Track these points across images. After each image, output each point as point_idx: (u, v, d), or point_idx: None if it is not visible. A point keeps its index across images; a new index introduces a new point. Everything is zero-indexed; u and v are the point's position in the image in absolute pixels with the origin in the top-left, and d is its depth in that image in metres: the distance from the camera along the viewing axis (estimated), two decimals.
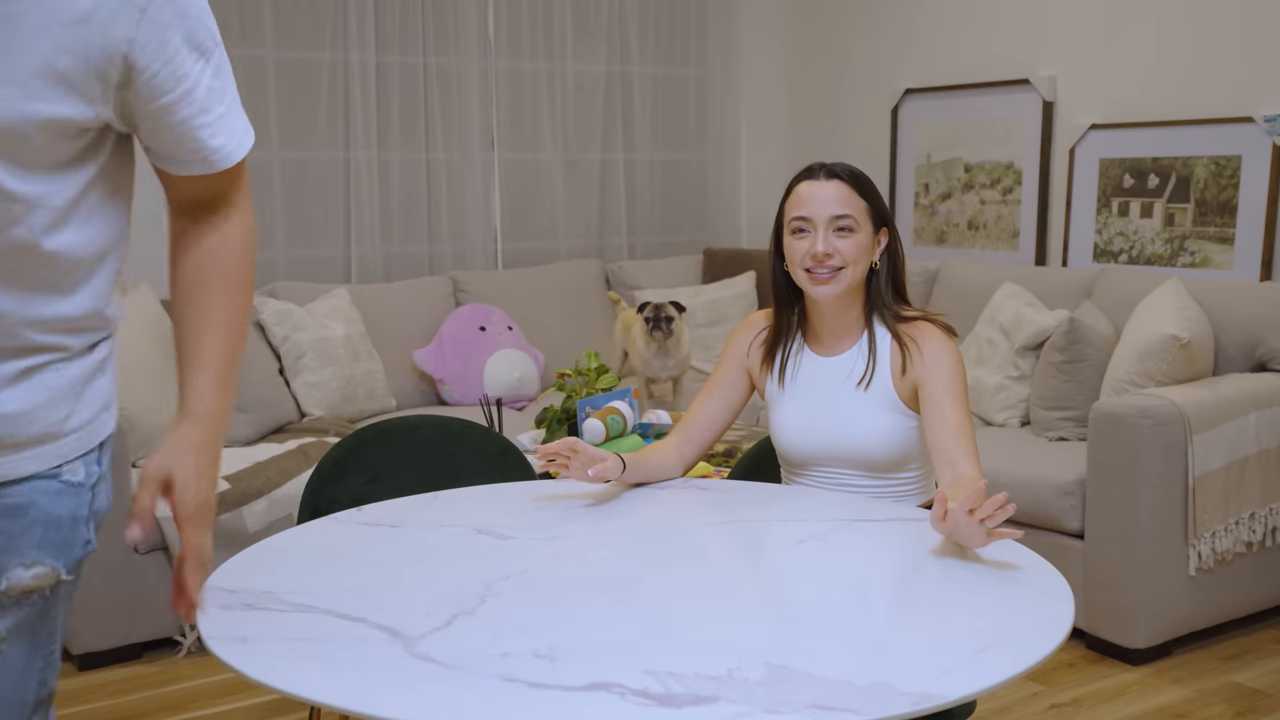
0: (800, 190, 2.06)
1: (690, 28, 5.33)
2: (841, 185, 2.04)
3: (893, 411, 2.04)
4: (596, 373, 2.84)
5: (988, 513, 1.59)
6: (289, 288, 4.14)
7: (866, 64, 5.18)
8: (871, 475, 2.07)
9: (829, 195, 2.03)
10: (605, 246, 5.21)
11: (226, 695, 3.02)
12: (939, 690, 1.27)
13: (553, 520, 1.93)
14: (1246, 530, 3.25)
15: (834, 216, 2.01)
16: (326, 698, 1.27)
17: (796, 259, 2.04)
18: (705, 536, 1.92)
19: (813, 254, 2.01)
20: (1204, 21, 3.93)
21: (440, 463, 2.39)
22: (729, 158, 5.46)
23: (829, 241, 2.00)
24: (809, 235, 2.02)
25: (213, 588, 1.61)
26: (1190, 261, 4.01)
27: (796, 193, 2.06)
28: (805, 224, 2.03)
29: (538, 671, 1.32)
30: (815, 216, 2.02)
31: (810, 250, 2.01)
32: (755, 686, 1.28)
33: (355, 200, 4.53)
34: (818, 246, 2.00)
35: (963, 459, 1.93)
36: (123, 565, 3.15)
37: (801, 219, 2.03)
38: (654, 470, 2.13)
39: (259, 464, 3.39)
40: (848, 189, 2.04)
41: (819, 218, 2.02)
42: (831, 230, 2.01)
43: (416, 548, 1.80)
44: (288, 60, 4.38)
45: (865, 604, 1.57)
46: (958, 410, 1.97)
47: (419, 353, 4.32)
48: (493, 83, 4.83)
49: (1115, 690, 3.03)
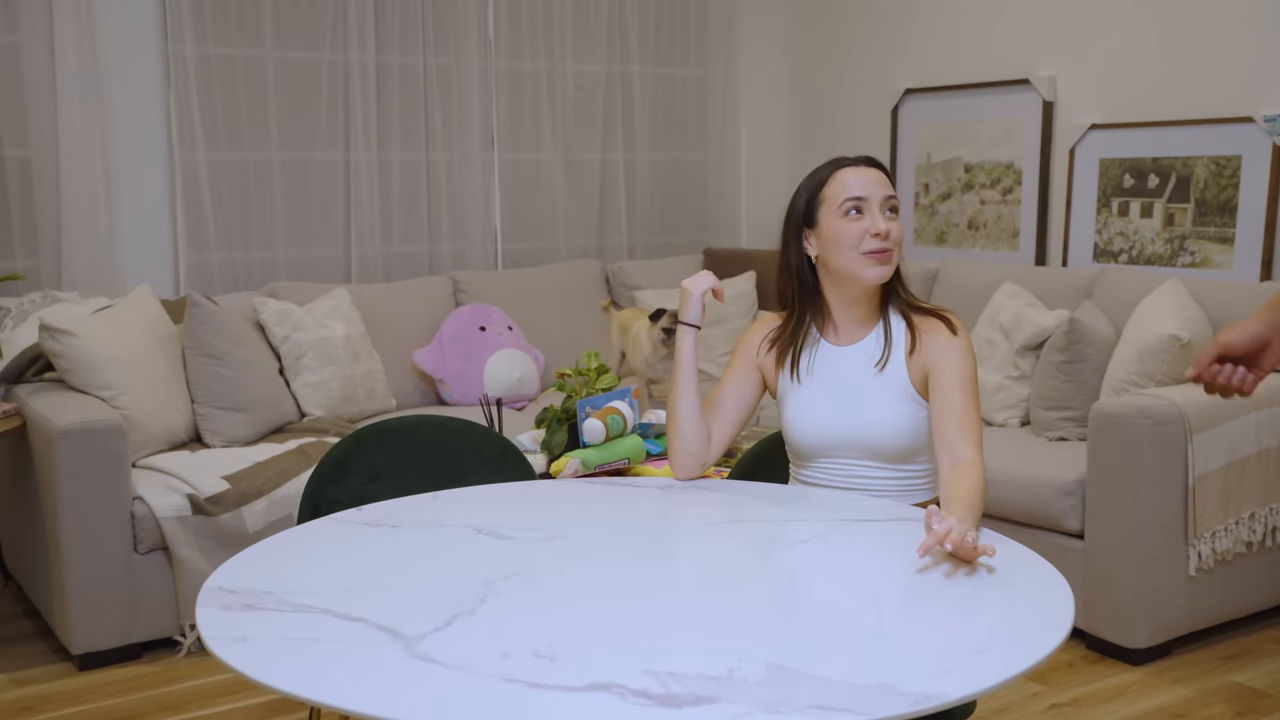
0: (847, 175, 2.07)
1: (690, 28, 5.33)
2: (879, 171, 2.09)
3: (906, 400, 2.05)
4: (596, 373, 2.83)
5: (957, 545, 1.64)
6: (289, 288, 4.14)
7: (866, 64, 5.18)
8: (883, 465, 2.08)
9: (875, 177, 2.07)
10: (605, 246, 5.21)
11: (226, 695, 3.02)
12: (939, 690, 1.27)
13: (553, 520, 1.93)
14: (1246, 530, 3.25)
15: (887, 197, 2.06)
16: (326, 698, 1.27)
17: (852, 240, 2.05)
18: (706, 536, 1.91)
19: (874, 232, 2.02)
20: (1204, 21, 3.93)
21: (440, 463, 2.39)
22: (729, 158, 5.46)
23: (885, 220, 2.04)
24: (865, 216, 2.04)
25: (213, 588, 1.61)
26: (1190, 261, 4.01)
27: (842, 179, 2.07)
28: (861, 203, 2.05)
29: (538, 671, 1.32)
30: (870, 196, 2.05)
31: (870, 229, 2.03)
32: (755, 686, 1.28)
33: (355, 200, 4.54)
34: (879, 224, 2.03)
35: (963, 444, 1.94)
36: (123, 565, 3.15)
37: (858, 199, 2.05)
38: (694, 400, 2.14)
39: (259, 464, 3.39)
40: (884, 176, 2.10)
41: (874, 197, 2.05)
42: (884, 211, 2.05)
43: (416, 548, 1.80)
44: (288, 60, 4.38)
45: (866, 604, 1.57)
46: (964, 398, 1.98)
47: (419, 353, 4.32)
48: (493, 83, 4.83)
49: (1115, 690, 3.03)
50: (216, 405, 3.62)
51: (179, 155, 4.18)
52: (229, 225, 4.31)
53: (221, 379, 3.63)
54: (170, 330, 3.70)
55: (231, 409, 3.64)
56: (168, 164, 4.21)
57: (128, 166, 4.12)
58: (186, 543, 3.22)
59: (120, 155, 4.08)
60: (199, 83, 4.19)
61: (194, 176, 4.21)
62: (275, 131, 4.37)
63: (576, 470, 2.47)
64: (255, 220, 4.37)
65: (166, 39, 4.15)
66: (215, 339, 3.64)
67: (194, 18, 4.16)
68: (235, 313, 3.82)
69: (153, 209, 4.21)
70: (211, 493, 3.24)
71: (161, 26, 4.15)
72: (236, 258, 4.34)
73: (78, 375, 3.31)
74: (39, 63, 3.89)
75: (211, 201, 4.26)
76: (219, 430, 3.62)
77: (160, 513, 3.19)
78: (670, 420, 2.18)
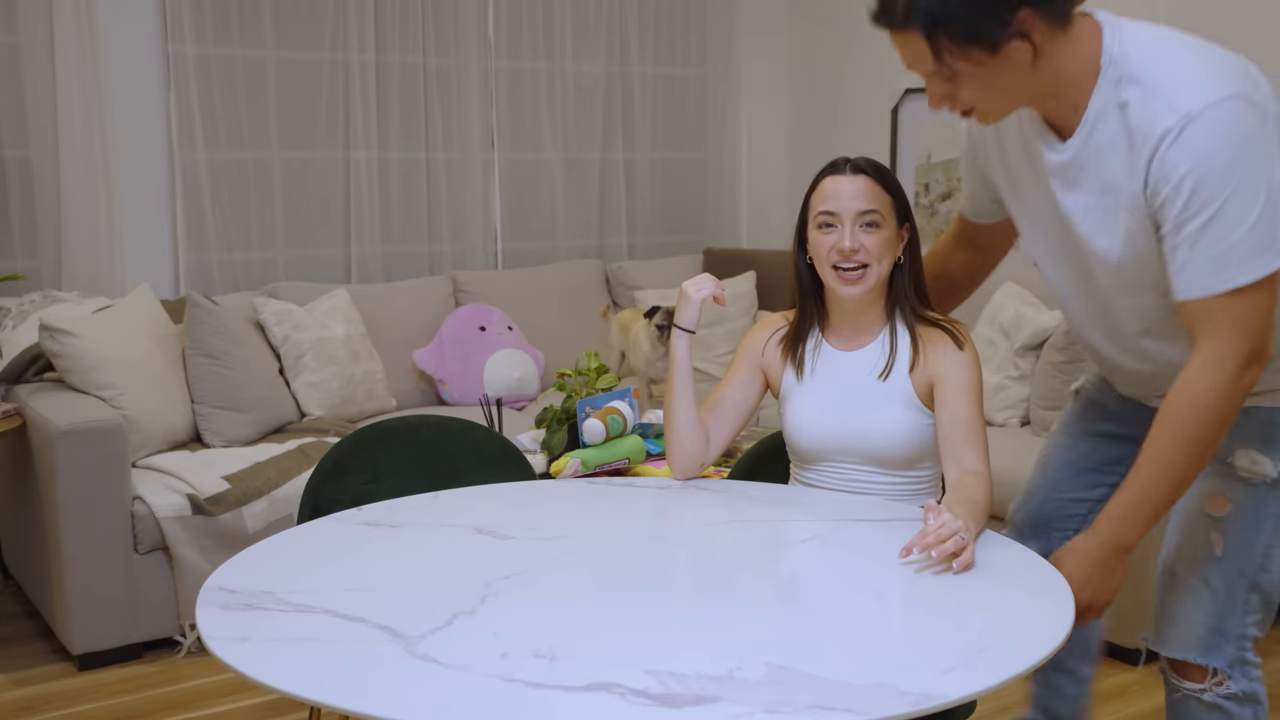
0: (826, 185, 2.04)
1: (690, 28, 5.33)
2: (867, 180, 2.02)
3: (909, 408, 2.04)
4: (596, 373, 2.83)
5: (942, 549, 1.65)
6: (289, 288, 4.14)
7: (866, 64, 5.18)
8: (884, 471, 2.07)
9: (855, 190, 2.01)
10: (605, 246, 5.21)
11: (226, 695, 3.02)
12: (939, 690, 1.27)
13: (553, 520, 1.93)
14: None
15: (861, 211, 2.00)
16: (326, 698, 1.27)
17: (823, 254, 2.03)
18: (706, 536, 1.91)
19: (839, 249, 2.00)
20: (1204, 21, 3.93)
21: (440, 463, 2.39)
22: (729, 158, 5.46)
23: (855, 237, 1.99)
24: (836, 230, 2.01)
25: (213, 588, 1.61)
26: None
27: (822, 187, 2.04)
28: (832, 219, 2.01)
29: (538, 671, 1.32)
30: (842, 211, 2.00)
31: (837, 245, 2.00)
32: (756, 686, 1.28)
33: (355, 200, 4.54)
34: (845, 242, 1.99)
35: (970, 455, 1.94)
36: (123, 565, 3.15)
37: (828, 213, 2.01)
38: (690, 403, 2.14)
39: (259, 464, 3.39)
40: (873, 184, 2.02)
41: (846, 212, 2.00)
42: (858, 225, 2.00)
43: (416, 548, 1.80)
44: (288, 60, 4.38)
45: (866, 604, 1.57)
46: (970, 410, 1.97)
47: (419, 353, 4.32)
48: (493, 83, 4.83)
49: (1115, 690, 3.02)
50: (216, 405, 3.62)
51: (179, 155, 4.18)
52: (229, 225, 4.31)
53: (221, 379, 3.63)
54: (170, 330, 3.70)
55: (231, 409, 3.64)
56: (168, 164, 4.21)
57: (128, 166, 4.12)
58: (186, 543, 3.22)
59: (120, 155, 4.08)
60: (199, 83, 4.19)
61: (194, 176, 4.21)
62: (275, 131, 4.37)
63: (576, 470, 2.47)
64: (255, 220, 4.37)
65: (166, 39, 4.14)
66: (215, 339, 3.64)
67: (194, 18, 4.16)
68: (235, 313, 3.82)
69: (153, 209, 4.21)
70: (211, 493, 3.24)
71: (161, 26, 4.15)
72: (236, 258, 4.34)
73: (78, 375, 3.31)
74: (39, 63, 3.89)
75: (211, 201, 4.25)
76: (219, 430, 3.62)
77: (160, 513, 3.19)
78: (667, 426, 2.18)
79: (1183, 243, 1.58)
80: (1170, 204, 1.57)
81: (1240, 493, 1.78)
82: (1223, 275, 1.57)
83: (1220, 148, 1.53)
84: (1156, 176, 1.58)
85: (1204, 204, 1.55)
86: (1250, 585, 1.80)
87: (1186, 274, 1.59)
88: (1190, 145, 1.54)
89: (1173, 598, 1.85)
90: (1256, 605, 1.81)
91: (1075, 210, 1.72)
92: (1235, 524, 1.78)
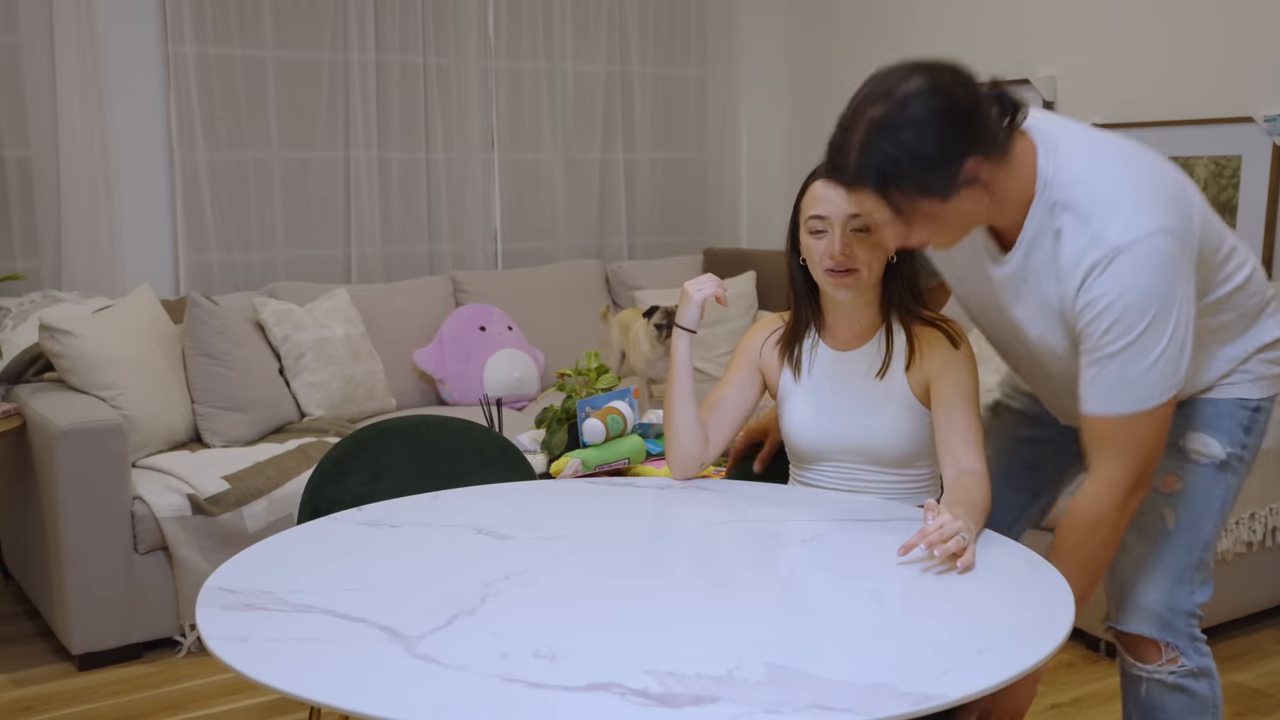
0: (816, 189, 2.02)
1: (690, 28, 5.33)
2: None
3: (906, 407, 2.04)
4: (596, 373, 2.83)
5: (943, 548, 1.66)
6: (289, 288, 4.14)
7: (866, 64, 5.18)
8: (883, 470, 2.07)
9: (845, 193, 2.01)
10: (605, 246, 5.21)
11: (226, 695, 3.02)
12: (939, 690, 1.27)
13: (553, 520, 1.93)
14: (1246, 530, 3.25)
15: (851, 215, 1.98)
16: (326, 698, 1.27)
17: (815, 258, 2.02)
18: (705, 536, 1.91)
19: (830, 254, 1.99)
20: (1204, 21, 3.93)
21: (440, 463, 2.39)
22: (729, 158, 5.46)
23: (846, 241, 1.99)
24: (827, 235, 2.01)
25: (213, 588, 1.61)
26: None
27: (812, 191, 2.03)
28: (822, 223, 2.01)
29: (538, 671, 1.32)
30: (832, 215, 2.00)
31: (828, 250, 2.00)
32: (756, 686, 1.28)
33: (355, 200, 4.54)
34: (835, 247, 1.99)
35: (967, 455, 1.94)
36: (123, 565, 3.16)
37: (819, 218, 2.01)
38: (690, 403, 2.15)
39: (259, 464, 3.39)
40: None
41: (836, 217, 1.99)
42: (849, 229, 1.99)
43: (416, 548, 1.80)
44: (288, 60, 4.38)
45: (865, 604, 1.57)
46: (967, 410, 1.98)
47: (419, 353, 4.32)
48: (493, 83, 4.84)
49: (1115, 690, 3.02)
50: (216, 405, 3.62)
51: (179, 155, 4.18)
52: (229, 225, 4.31)
53: (221, 379, 3.63)
54: (170, 330, 3.70)
55: (231, 409, 3.64)
56: (168, 164, 4.21)
57: (128, 166, 4.12)
58: (186, 543, 3.22)
59: (120, 155, 4.08)
60: (199, 83, 4.19)
61: (194, 176, 4.21)
62: (275, 131, 4.37)
63: (576, 470, 2.47)
64: (255, 220, 4.37)
65: (166, 39, 4.15)
66: (215, 339, 3.64)
67: (194, 18, 4.16)
68: (235, 313, 3.82)
69: (153, 209, 4.21)
70: (211, 493, 3.24)
71: (161, 26, 4.15)
72: (236, 258, 4.34)
73: (78, 375, 3.31)
74: (39, 63, 3.89)
75: (211, 201, 4.26)
76: (219, 430, 3.62)
77: (160, 513, 3.19)
78: (667, 425, 2.18)
79: (1096, 362, 1.70)
80: (1092, 327, 1.69)
81: (1191, 472, 1.92)
82: (1124, 399, 1.70)
83: (1142, 282, 1.64)
84: (1083, 303, 1.69)
85: (1122, 332, 1.66)
86: (1198, 563, 1.93)
87: (1094, 390, 1.72)
88: (1115, 277, 1.65)
89: (1128, 571, 1.95)
90: (1200, 583, 1.94)
91: (1023, 318, 1.85)
92: (1186, 500, 1.92)
